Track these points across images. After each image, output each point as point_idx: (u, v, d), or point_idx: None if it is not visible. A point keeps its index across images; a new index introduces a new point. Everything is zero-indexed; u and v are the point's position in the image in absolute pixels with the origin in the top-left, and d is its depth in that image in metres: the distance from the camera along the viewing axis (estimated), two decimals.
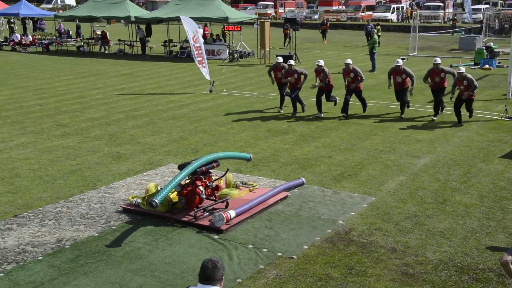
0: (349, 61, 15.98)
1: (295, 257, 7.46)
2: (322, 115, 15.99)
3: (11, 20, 39.95)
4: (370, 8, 59.20)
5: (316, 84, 16.43)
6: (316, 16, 59.31)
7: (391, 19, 54.73)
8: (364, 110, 16.39)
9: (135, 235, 8.08)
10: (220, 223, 8.18)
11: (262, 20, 31.11)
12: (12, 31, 38.52)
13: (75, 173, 10.91)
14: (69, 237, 8.01)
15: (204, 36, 32.22)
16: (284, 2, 62.74)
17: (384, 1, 65.60)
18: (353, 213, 8.95)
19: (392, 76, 15.74)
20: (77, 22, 39.07)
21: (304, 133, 14.14)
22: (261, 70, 26.02)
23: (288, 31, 33.00)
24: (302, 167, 11.39)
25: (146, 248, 7.70)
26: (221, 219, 8.18)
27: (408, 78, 15.46)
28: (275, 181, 10.47)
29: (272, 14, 59.40)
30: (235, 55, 29.21)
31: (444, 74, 15.20)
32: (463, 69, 14.52)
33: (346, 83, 16.02)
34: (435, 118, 15.45)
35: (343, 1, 64.59)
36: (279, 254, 7.54)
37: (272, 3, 61.45)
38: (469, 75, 14.48)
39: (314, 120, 15.64)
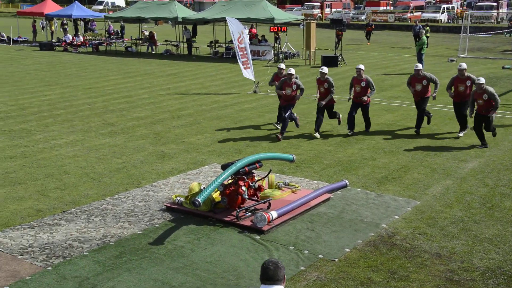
0: (361, 66, 13.88)
1: (336, 259, 7.38)
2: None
3: (65, 22, 41.13)
4: (419, 8, 58.14)
5: (320, 99, 14.04)
6: (363, 17, 58.67)
7: (441, 19, 53.55)
8: (367, 129, 14.22)
9: (177, 234, 8.17)
10: (262, 223, 8.18)
11: (308, 21, 30.97)
12: (65, 32, 39.64)
13: (121, 171, 11.13)
14: (114, 233, 8.17)
15: (251, 37, 32.35)
16: (331, 3, 62.35)
17: (434, 1, 64.27)
18: (396, 217, 8.79)
19: (411, 84, 13.93)
20: (121, 23, 39.93)
21: (348, 135, 13.98)
22: (306, 71, 25.91)
23: (341, 33, 32.77)
24: (345, 169, 11.27)
25: (188, 246, 7.77)
26: (263, 219, 8.18)
27: (429, 85, 13.74)
28: (318, 183, 10.40)
29: (319, 15, 59.10)
30: (280, 56, 29.18)
31: (470, 83, 13.29)
32: (483, 80, 12.52)
33: (353, 93, 13.94)
34: (461, 135, 13.60)
35: (391, 2, 63.63)
36: (320, 256, 7.48)
37: (319, 3, 61.17)
38: (490, 89, 12.43)
39: (358, 121, 15.44)
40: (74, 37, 37.98)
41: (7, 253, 7.48)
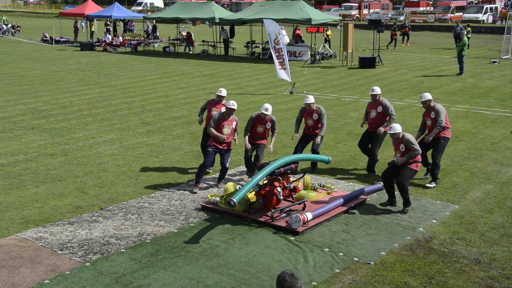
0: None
1: (372, 263, 7.30)
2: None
3: (108, 22, 41.84)
4: (460, 9, 56.96)
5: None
6: (402, 18, 57.85)
7: (483, 20, 52.35)
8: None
9: (212, 233, 8.21)
10: (297, 225, 8.15)
11: (346, 21, 30.74)
12: (108, 32, 40.36)
13: (157, 170, 11.25)
14: (150, 231, 8.27)
15: (296, 37, 32.28)
16: (369, 3, 61.68)
17: (476, 1, 62.87)
18: (434, 221, 8.63)
19: (367, 110, 11.26)
20: (154, 23, 40.35)
21: (385, 138, 13.79)
22: (342, 73, 25.72)
23: (396, 34, 32.44)
24: (381, 171, 11.10)
25: (223, 246, 7.81)
26: (298, 221, 8.14)
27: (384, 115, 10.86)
28: (353, 185, 10.30)
29: (356, 15, 58.57)
30: (317, 57, 29.06)
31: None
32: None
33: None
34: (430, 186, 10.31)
35: (431, 2, 62.55)
36: (355, 259, 7.40)
37: (357, 4, 60.59)
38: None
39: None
40: (114, 38, 38.65)
41: (48, 248, 7.65)
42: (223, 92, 11.09)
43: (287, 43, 28.44)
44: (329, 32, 33.10)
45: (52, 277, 6.88)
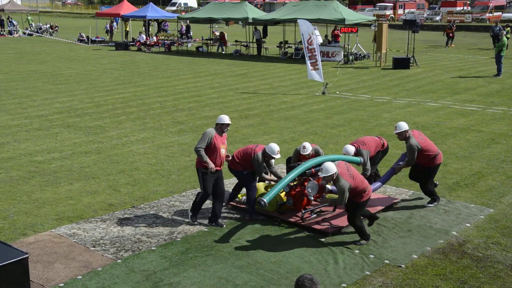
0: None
1: (403, 265, 7.19)
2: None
3: (149, 23, 42.30)
4: (499, 8, 55.70)
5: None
6: (438, 18, 56.90)
7: None
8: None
9: (242, 233, 8.23)
10: (314, 191, 8.14)
11: (380, 21, 30.41)
12: (145, 32, 40.83)
13: (189, 169, 11.33)
14: (181, 230, 8.34)
15: (336, 38, 32.05)
16: (404, 3, 60.88)
17: None
18: (468, 225, 8.45)
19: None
20: (188, 23, 40.60)
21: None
22: (376, 73, 25.46)
23: (451, 32, 31.83)
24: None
25: (252, 246, 7.81)
26: (315, 186, 8.13)
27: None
28: (385, 187, 10.17)
29: (391, 15, 57.87)
30: (350, 57, 28.83)
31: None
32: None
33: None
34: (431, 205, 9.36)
35: (468, 2, 61.32)
36: (386, 261, 7.31)
37: (391, 4, 59.86)
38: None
39: (430, 125, 15.01)
40: (148, 37, 39.12)
41: (81, 244, 7.79)
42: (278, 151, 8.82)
43: (320, 43, 28.30)
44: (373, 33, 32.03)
45: (84, 273, 7.00)
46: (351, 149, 9.11)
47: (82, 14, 79.27)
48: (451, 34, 36.31)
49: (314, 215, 8.67)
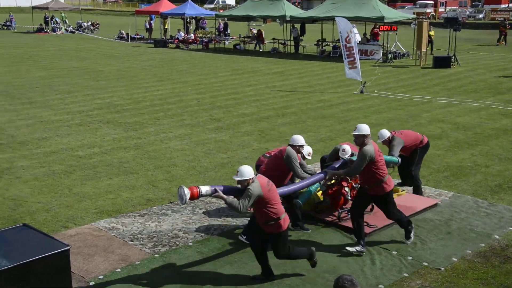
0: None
1: (442, 268, 7.06)
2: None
3: (188, 20, 42.69)
4: None
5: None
6: (480, 16, 55.58)
7: None
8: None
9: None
10: (183, 198, 6.49)
11: (420, 19, 29.89)
12: (187, 30, 41.24)
13: (225, 166, 11.38)
14: (217, 227, 8.38)
15: (375, 37, 31.67)
16: (446, 1, 59.68)
17: None
18: (511, 228, 8.23)
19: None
20: (225, 21, 40.70)
21: (459, 139, 13.33)
22: (415, 72, 25.05)
23: (505, 29, 31.11)
24: (454, 175, 10.75)
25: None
26: (183, 194, 6.48)
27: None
28: (424, 188, 10.00)
29: (432, 13, 56.82)
30: (389, 56, 28.45)
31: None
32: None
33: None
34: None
35: None
36: (425, 263, 7.19)
37: (432, 1, 58.75)
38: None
39: (472, 125, 14.68)
40: (186, 35, 39.46)
41: (120, 238, 7.92)
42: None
43: (358, 42, 28.01)
44: (432, 32, 30.24)
45: (123, 266, 7.11)
46: (386, 133, 9.07)
47: (122, 11, 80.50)
48: (504, 32, 35.50)
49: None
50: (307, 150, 8.10)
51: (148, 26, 43.97)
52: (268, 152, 8.81)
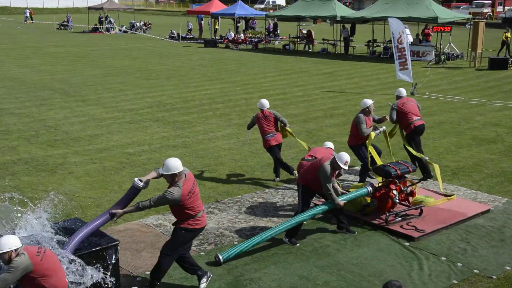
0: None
1: (494, 277, 6.83)
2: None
3: (238, 20, 42.99)
4: None
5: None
6: None
7: None
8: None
9: (324, 232, 8.15)
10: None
11: (476, 20, 29.05)
12: (237, 30, 41.53)
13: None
14: (263, 226, 8.38)
15: (427, 37, 31.03)
16: (504, 0, 57.73)
17: None
18: None
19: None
20: (275, 21, 40.63)
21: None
22: (469, 74, 24.36)
23: None
24: (509, 180, 10.39)
25: (334, 246, 7.72)
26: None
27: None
28: (476, 193, 9.71)
29: (489, 13, 55.11)
30: (442, 57, 27.77)
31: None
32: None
33: None
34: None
35: None
36: (475, 271, 6.98)
37: (489, 1, 56.98)
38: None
39: None
40: (236, 35, 39.70)
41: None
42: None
43: (410, 43, 27.47)
44: (509, 34, 28.78)
45: None
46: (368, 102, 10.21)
47: (173, 11, 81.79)
48: None
49: (399, 219, 8.43)
50: (344, 159, 7.74)
51: (190, 27, 44.49)
52: (309, 155, 8.70)
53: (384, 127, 10.21)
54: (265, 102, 10.47)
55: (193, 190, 6.34)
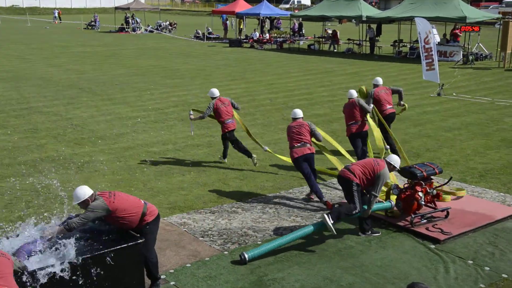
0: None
1: None
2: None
3: (263, 20, 43.01)
4: None
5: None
6: None
7: None
8: None
9: (348, 234, 8.09)
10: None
11: (506, 19, 28.54)
12: (261, 30, 41.54)
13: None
14: (286, 226, 8.36)
15: (456, 38, 30.58)
16: None
17: None
18: None
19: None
20: (300, 21, 40.48)
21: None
22: (498, 74, 23.95)
23: None
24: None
25: (358, 247, 7.66)
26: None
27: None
28: (505, 195, 9.54)
29: None
30: (470, 57, 27.36)
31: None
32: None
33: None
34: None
35: None
36: (504, 275, 6.84)
37: None
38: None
39: None
40: (261, 35, 39.72)
41: (190, 234, 8.07)
42: None
43: (437, 43, 27.13)
44: None
45: (193, 262, 7.24)
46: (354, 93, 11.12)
47: (199, 11, 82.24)
48: None
49: (425, 221, 8.33)
50: (395, 160, 8.16)
51: (209, 31, 44.68)
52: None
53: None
54: (215, 91, 11.67)
55: (113, 192, 6.22)
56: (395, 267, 7.08)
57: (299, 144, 9.27)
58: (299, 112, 9.72)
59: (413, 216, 8.24)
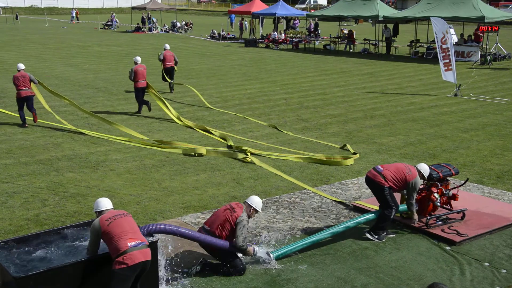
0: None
1: None
2: None
3: (279, 20, 42.96)
4: None
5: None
6: None
7: None
8: None
9: (362, 234, 8.04)
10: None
11: None
12: (277, 30, 41.48)
13: (311, 167, 11.31)
14: (300, 227, 8.35)
15: (478, 38, 30.06)
16: None
17: None
18: None
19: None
20: (316, 21, 40.33)
21: None
22: None
23: None
24: None
25: (372, 248, 7.62)
26: None
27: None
28: None
29: None
30: (488, 58, 27.07)
31: None
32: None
33: None
34: None
35: None
36: None
37: None
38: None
39: None
40: (277, 35, 39.67)
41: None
42: None
43: (455, 43, 26.88)
44: None
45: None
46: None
47: (215, 11, 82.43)
48: None
49: (440, 222, 8.26)
50: (425, 169, 8.12)
51: (221, 35, 44.75)
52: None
53: None
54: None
55: (114, 218, 5.90)
56: (410, 269, 7.03)
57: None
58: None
59: (428, 217, 8.18)
